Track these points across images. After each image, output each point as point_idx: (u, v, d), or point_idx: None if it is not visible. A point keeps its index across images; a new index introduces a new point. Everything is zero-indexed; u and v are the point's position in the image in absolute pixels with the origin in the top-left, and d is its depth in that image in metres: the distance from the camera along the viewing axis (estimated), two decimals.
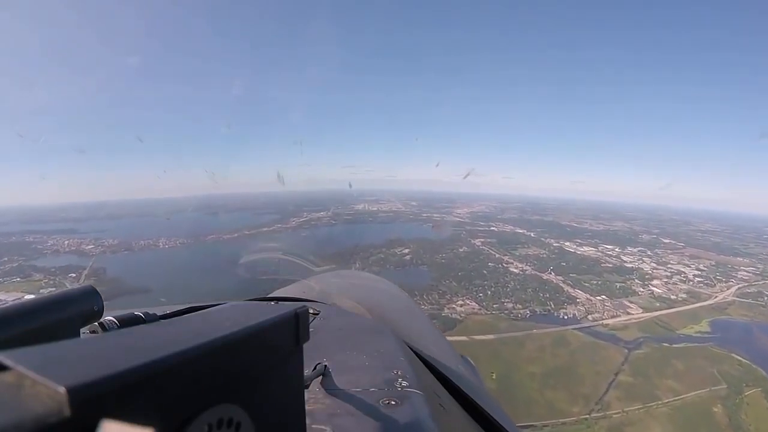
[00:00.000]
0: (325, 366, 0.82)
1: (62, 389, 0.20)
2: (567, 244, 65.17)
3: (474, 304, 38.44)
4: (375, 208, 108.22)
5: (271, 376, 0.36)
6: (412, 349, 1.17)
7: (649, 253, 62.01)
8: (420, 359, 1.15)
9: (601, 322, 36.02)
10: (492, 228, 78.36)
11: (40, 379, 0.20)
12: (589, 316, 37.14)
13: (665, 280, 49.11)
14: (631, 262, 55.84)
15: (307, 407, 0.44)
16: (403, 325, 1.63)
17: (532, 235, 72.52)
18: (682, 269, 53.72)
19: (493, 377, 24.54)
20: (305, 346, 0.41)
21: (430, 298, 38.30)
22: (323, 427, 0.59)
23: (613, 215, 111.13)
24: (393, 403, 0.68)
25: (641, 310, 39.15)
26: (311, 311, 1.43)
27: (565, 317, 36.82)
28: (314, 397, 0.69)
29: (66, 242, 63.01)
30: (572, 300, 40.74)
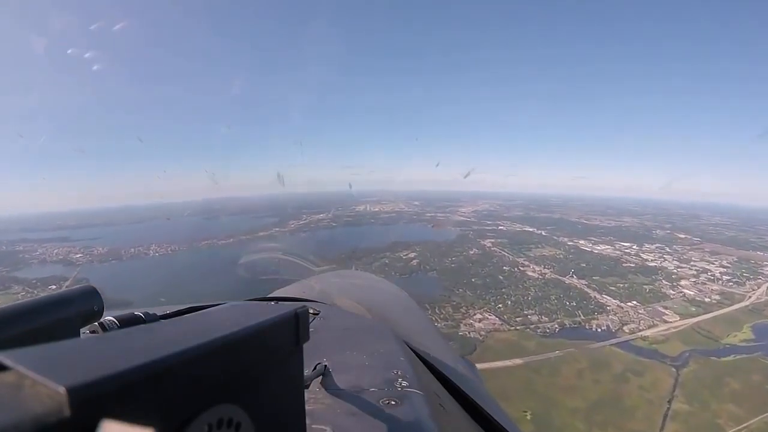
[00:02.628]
0: (325, 366, 0.83)
1: (62, 389, 0.20)
2: (581, 242, 61.98)
3: (494, 318, 34.35)
4: (377, 209, 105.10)
5: (271, 376, 0.36)
6: (412, 349, 1.17)
7: (668, 249, 58.94)
8: (420, 359, 1.16)
9: (639, 334, 32.36)
10: (500, 227, 75.19)
11: (40, 379, 0.20)
12: (625, 328, 33.38)
13: (693, 279, 45.70)
14: (653, 260, 52.45)
15: (307, 407, 0.44)
16: (403, 325, 1.62)
17: (543, 233, 69.41)
18: (707, 267, 50.42)
19: (528, 417, 20.37)
20: (305, 346, 0.41)
21: (443, 312, 34.27)
22: (323, 427, 0.59)
23: (620, 211, 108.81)
24: (393, 403, 0.68)
25: (678, 317, 35.55)
26: (311, 311, 1.42)
27: (599, 330, 33.02)
28: (314, 397, 0.70)
29: (55, 251, 60.51)
30: (602, 308, 36.87)
